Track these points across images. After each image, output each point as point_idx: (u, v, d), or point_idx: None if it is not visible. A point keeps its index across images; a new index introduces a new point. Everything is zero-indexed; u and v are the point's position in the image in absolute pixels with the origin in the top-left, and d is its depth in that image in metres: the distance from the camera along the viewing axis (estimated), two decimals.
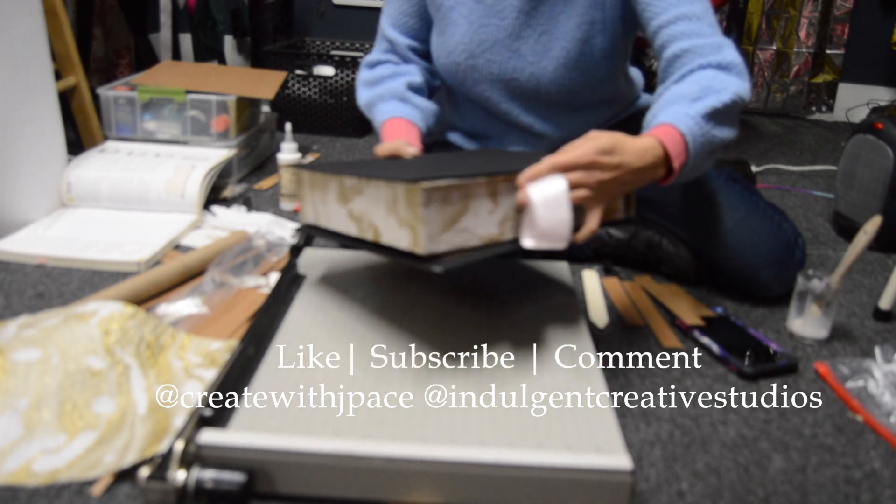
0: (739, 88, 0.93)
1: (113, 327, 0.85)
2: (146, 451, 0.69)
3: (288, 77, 2.01)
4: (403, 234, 0.74)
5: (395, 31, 1.19)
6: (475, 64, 1.13)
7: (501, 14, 1.09)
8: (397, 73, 1.16)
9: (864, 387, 0.89)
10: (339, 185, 0.84)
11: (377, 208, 0.78)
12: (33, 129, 1.27)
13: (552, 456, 0.64)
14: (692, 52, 0.95)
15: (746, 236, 1.08)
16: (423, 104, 1.14)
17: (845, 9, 2.53)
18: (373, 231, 0.79)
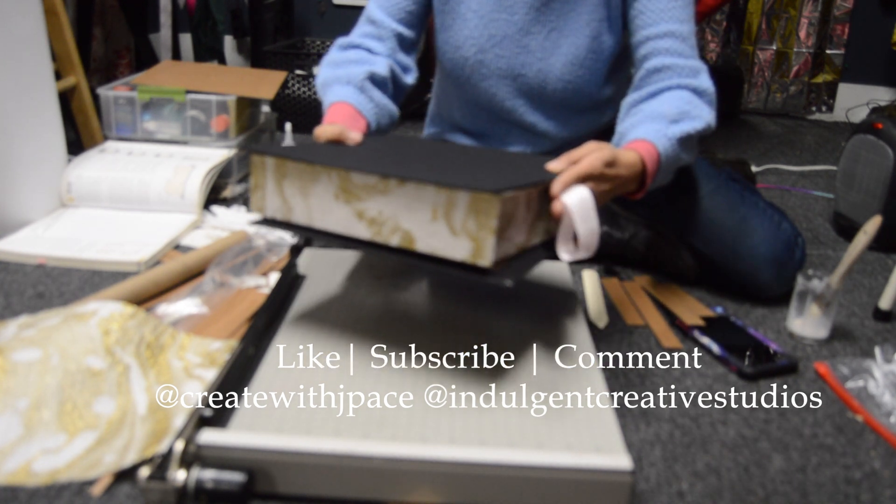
0: (710, 119, 0.99)
1: (113, 327, 0.85)
2: (146, 451, 0.69)
3: (288, 77, 2.01)
4: (461, 243, 0.70)
5: (382, 13, 1.13)
6: (484, 59, 1.13)
7: (512, 9, 1.09)
8: (363, 61, 1.10)
9: (864, 387, 0.89)
10: (341, 181, 0.76)
11: (414, 213, 0.71)
12: (33, 129, 1.27)
13: (552, 456, 0.64)
14: (671, 69, 1.02)
15: (746, 236, 1.08)
16: (379, 99, 1.09)
17: (845, 9, 2.53)
18: (401, 236, 0.73)
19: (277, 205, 0.80)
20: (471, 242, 0.69)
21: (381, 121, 1.10)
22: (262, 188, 0.81)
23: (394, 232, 0.73)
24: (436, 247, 0.71)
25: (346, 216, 0.76)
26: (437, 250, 0.71)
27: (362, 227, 0.75)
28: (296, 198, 0.79)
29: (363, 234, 0.75)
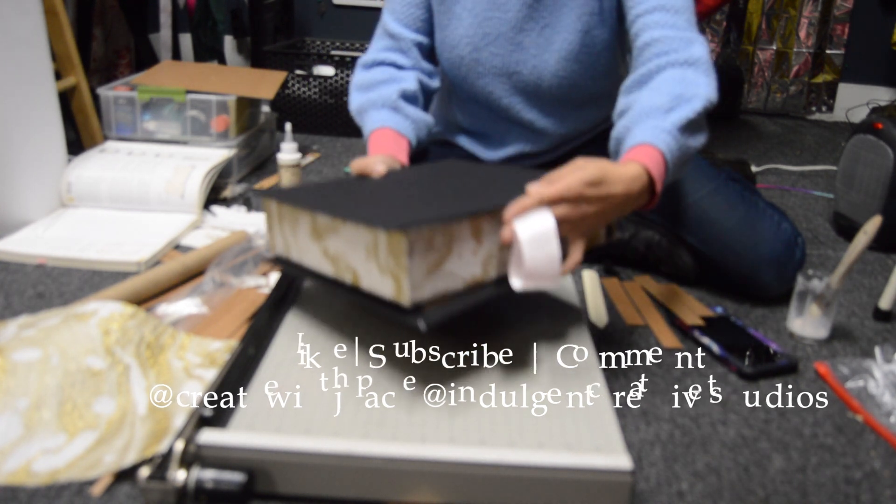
0: (708, 92, 0.93)
1: (113, 327, 0.85)
2: (146, 451, 0.69)
3: (288, 77, 2.01)
4: (386, 282, 0.69)
5: (400, 26, 1.15)
6: (479, 57, 1.13)
7: (505, 7, 1.09)
8: (392, 79, 1.12)
9: (864, 387, 0.89)
10: (312, 221, 0.79)
11: (355, 251, 0.73)
12: (33, 129, 1.27)
13: (552, 456, 0.64)
14: (662, 41, 0.96)
15: (746, 236, 1.08)
16: (415, 115, 1.11)
17: (845, 9, 2.53)
18: (351, 274, 0.75)
19: (281, 243, 0.87)
20: (392, 281, 0.69)
21: (419, 135, 1.12)
22: (272, 228, 0.89)
23: (346, 270, 0.76)
24: (372, 284, 0.72)
25: (317, 254, 0.80)
26: (373, 287, 0.72)
27: (328, 265, 0.79)
28: (290, 237, 0.85)
29: (328, 271, 0.79)
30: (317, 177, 1.67)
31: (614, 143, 0.95)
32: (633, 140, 0.87)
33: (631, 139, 0.87)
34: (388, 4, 1.18)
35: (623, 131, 0.92)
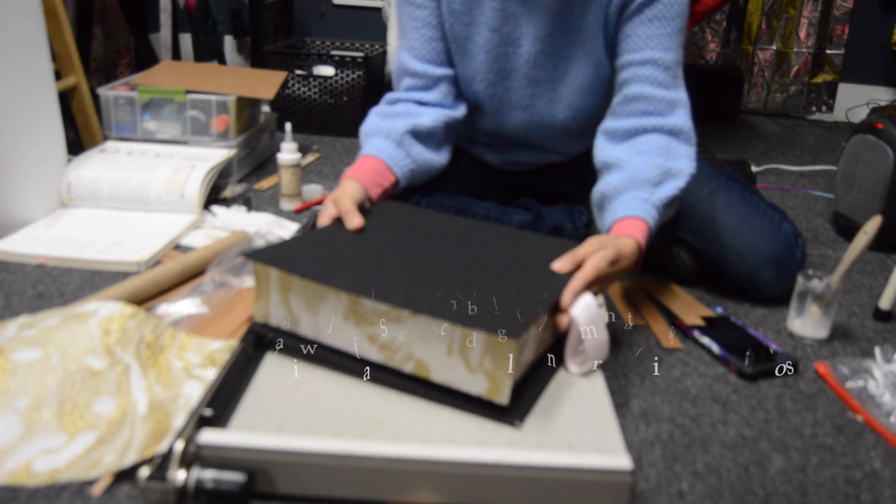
0: (690, 168, 1.00)
1: (113, 327, 0.85)
2: (146, 451, 0.69)
3: (288, 77, 2.01)
4: (476, 380, 0.69)
5: (422, 63, 1.12)
6: (494, 93, 1.14)
7: (517, 42, 1.09)
8: (409, 114, 1.10)
9: (864, 387, 0.89)
10: (351, 303, 0.74)
11: (429, 345, 0.71)
12: (33, 129, 1.27)
13: (552, 456, 0.64)
14: (648, 100, 1.02)
15: (746, 236, 1.08)
16: (419, 154, 1.08)
17: (845, 9, 2.53)
18: (414, 364, 0.72)
19: (282, 315, 0.80)
20: (487, 380, 0.69)
21: (415, 178, 1.10)
22: (266, 297, 0.79)
23: (407, 359, 0.73)
24: (451, 379, 0.71)
25: (357, 337, 0.75)
26: (451, 383, 0.71)
27: (374, 351, 0.75)
28: (302, 312, 0.78)
29: (375, 358, 0.75)
30: (317, 177, 1.67)
31: (599, 197, 1.01)
32: (624, 210, 0.94)
33: (622, 208, 0.94)
34: (404, 43, 1.14)
35: (612, 192, 0.97)
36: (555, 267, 0.84)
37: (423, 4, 1.10)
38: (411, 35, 1.12)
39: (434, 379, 0.72)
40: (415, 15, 1.11)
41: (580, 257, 0.84)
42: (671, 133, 1.01)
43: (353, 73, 1.99)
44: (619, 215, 0.94)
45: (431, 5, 1.10)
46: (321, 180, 1.64)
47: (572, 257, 0.84)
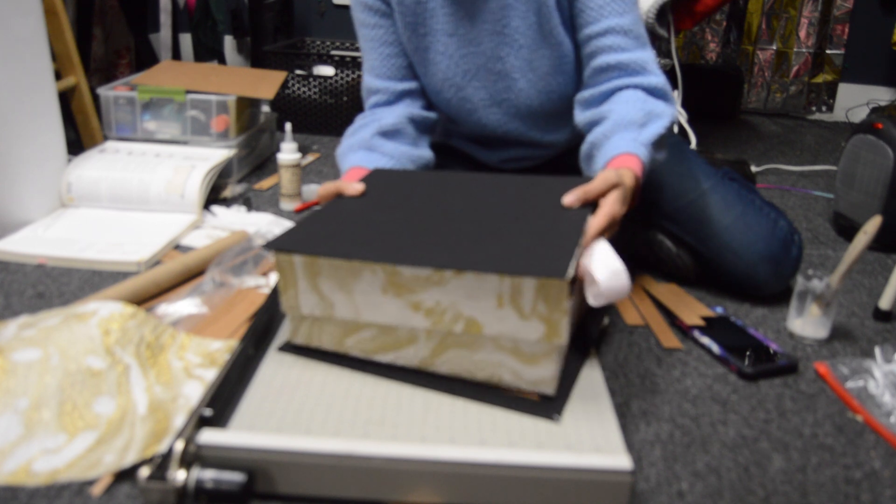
0: (672, 112, 1.02)
1: (113, 327, 0.85)
2: (146, 451, 0.69)
3: (288, 77, 2.01)
4: (532, 326, 0.69)
5: (383, 80, 1.13)
6: (465, 95, 1.13)
7: (476, 40, 1.09)
8: (371, 121, 1.10)
9: (864, 387, 0.89)
10: (388, 275, 0.72)
11: (478, 301, 0.70)
12: (33, 129, 1.27)
13: (552, 456, 0.64)
14: (618, 68, 1.03)
15: (742, 233, 1.08)
16: (393, 150, 1.08)
17: (845, 9, 2.53)
18: (465, 323, 0.71)
19: (314, 301, 0.76)
20: (543, 324, 0.69)
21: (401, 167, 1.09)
22: (293, 287, 0.77)
23: (456, 320, 0.72)
24: (504, 330, 0.71)
25: (400, 308, 0.73)
26: (506, 332, 0.71)
27: (419, 318, 0.73)
28: (336, 294, 0.75)
29: (421, 324, 0.73)
30: (317, 177, 1.67)
31: (588, 147, 1.02)
32: (615, 149, 0.94)
33: (612, 148, 0.95)
34: (365, 65, 1.16)
35: (601, 138, 0.98)
36: (565, 201, 0.83)
37: (378, 24, 1.11)
38: (370, 56, 1.14)
39: (486, 333, 0.71)
40: (371, 35, 1.12)
41: (592, 194, 0.84)
42: (647, 90, 1.02)
43: (353, 73, 1.99)
44: (612, 154, 0.94)
45: (386, 23, 1.11)
46: (321, 180, 1.64)
47: (584, 192, 0.84)
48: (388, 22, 1.11)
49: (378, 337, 0.77)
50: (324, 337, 0.80)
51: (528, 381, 0.73)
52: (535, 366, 0.72)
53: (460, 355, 0.74)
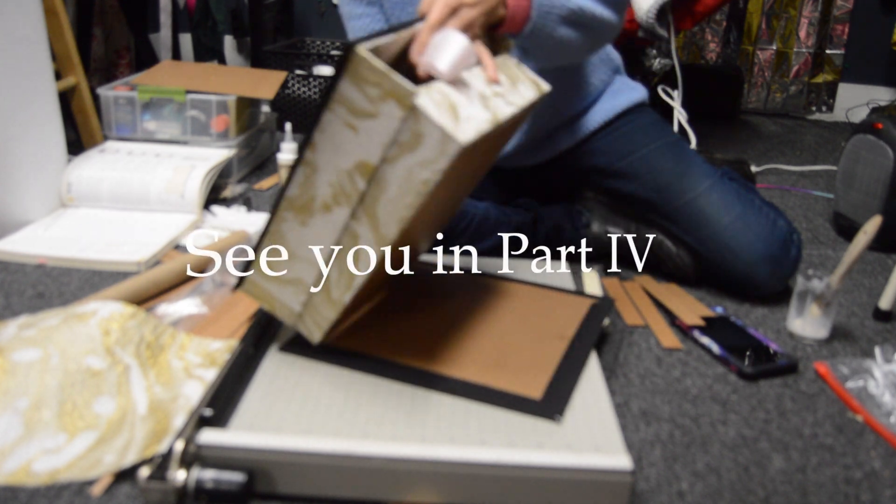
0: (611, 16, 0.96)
1: (113, 327, 0.85)
2: (146, 451, 0.69)
3: (288, 77, 2.01)
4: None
5: None
6: None
7: None
8: None
9: (864, 387, 0.89)
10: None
11: None
12: (33, 129, 1.27)
13: (552, 456, 0.64)
14: None
15: (741, 233, 1.08)
16: None
17: (845, 9, 2.53)
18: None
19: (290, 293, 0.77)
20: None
21: None
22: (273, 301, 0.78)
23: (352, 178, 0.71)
24: None
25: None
26: None
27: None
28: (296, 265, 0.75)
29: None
30: None
31: None
32: None
33: None
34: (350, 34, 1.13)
35: None
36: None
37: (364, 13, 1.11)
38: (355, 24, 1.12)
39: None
40: (358, 27, 1.12)
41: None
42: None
43: None
44: None
45: (371, 11, 1.10)
46: None
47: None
48: (373, 10, 1.10)
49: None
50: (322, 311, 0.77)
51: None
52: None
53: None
